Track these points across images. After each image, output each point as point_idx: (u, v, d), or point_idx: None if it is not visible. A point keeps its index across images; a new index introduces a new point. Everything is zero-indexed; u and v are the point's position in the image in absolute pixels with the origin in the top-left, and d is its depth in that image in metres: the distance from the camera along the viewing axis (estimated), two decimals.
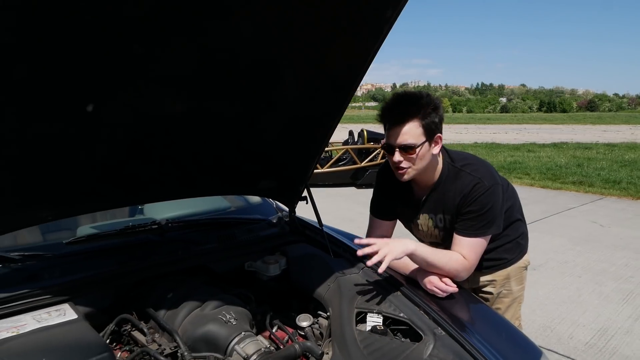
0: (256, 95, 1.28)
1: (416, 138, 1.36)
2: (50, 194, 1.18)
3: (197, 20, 0.94)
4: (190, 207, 1.87)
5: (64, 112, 0.99)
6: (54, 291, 1.24)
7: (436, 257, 1.41)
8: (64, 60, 0.87)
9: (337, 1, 1.08)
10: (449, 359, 1.17)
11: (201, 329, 1.21)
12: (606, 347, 2.62)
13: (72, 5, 0.77)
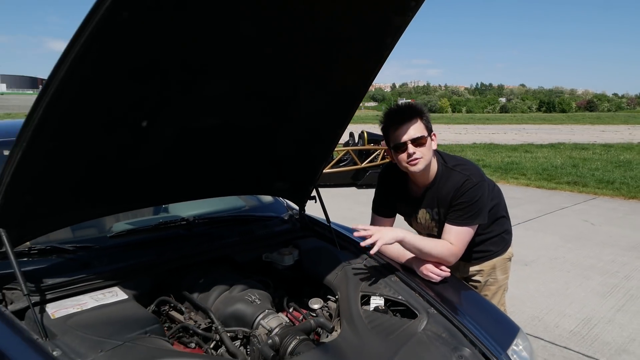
0: (275, 111, 1.51)
1: (422, 132, 1.61)
2: (104, 194, 1.40)
3: (233, 57, 1.16)
4: (210, 206, 2.09)
5: (126, 127, 1.21)
6: (104, 276, 1.45)
7: (425, 243, 1.64)
8: (132, 88, 1.10)
9: (345, 35, 1.30)
10: (439, 332, 1.39)
11: (231, 308, 1.43)
12: (589, 335, 2.84)
13: (144, 56, 1.00)
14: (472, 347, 1.35)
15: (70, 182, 1.29)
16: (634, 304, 3.29)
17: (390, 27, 1.38)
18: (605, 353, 2.62)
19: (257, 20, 1.12)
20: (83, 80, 1.01)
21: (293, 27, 1.23)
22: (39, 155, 1.12)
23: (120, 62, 1.02)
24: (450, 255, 1.67)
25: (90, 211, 1.46)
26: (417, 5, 1.32)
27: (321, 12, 1.20)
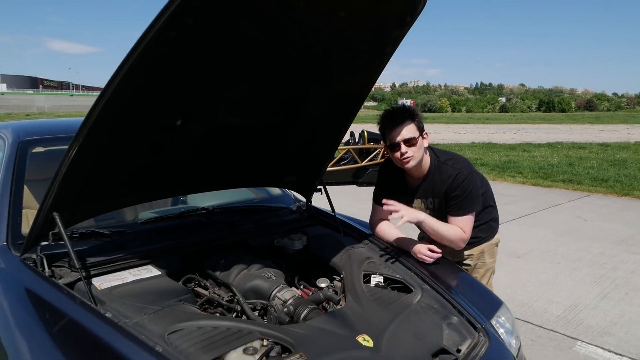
0: (287, 112, 1.72)
1: (414, 133, 1.83)
2: (142, 184, 1.61)
3: (253, 66, 1.37)
4: (226, 197, 2.31)
5: (163, 127, 1.42)
6: (138, 256, 1.66)
7: (442, 227, 1.87)
8: (172, 93, 1.31)
9: (350, 46, 1.51)
10: (432, 304, 1.60)
11: (250, 283, 1.64)
12: (574, 319, 3.05)
13: (187, 67, 1.21)
14: (459, 316, 1.57)
15: (115, 174, 1.50)
16: (619, 292, 3.50)
17: (389, 38, 1.59)
18: (588, 335, 2.83)
19: (275, 35, 1.33)
20: (135, 88, 1.22)
21: (305, 41, 1.44)
22: (91, 151, 1.33)
23: (165, 72, 1.23)
24: (461, 240, 1.90)
25: (130, 199, 1.67)
26: (412, 20, 1.53)
27: (330, 27, 1.41)
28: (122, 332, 1.22)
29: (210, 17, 1.14)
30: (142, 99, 1.28)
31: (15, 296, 1.45)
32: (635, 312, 3.16)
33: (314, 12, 1.30)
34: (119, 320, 1.28)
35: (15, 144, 2.08)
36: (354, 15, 1.38)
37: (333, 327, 1.41)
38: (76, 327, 1.27)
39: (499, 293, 3.03)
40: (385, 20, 1.49)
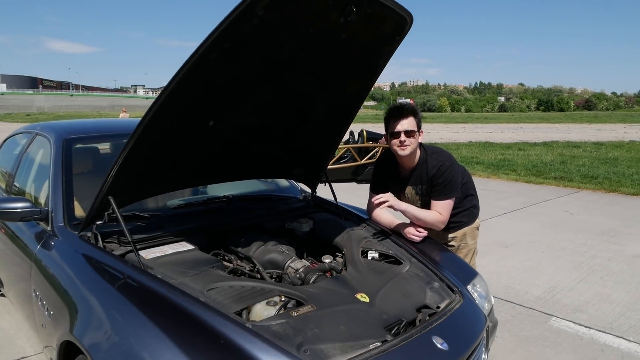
0: (298, 114, 2.06)
1: (413, 127, 2.17)
2: (181, 173, 1.95)
3: (274, 77, 1.71)
4: (242, 188, 2.65)
5: (200, 126, 1.75)
6: (174, 234, 2.00)
7: (422, 213, 2.21)
8: (212, 100, 1.64)
9: (350, 60, 1.85)
10: (418, 273, 1.94)
11: (267, 256, 1.98)
12: (551, 299, 3.39)
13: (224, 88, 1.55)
14: (440, 282, 1.90)
15: (159, 165, 1.84)
16: (594, 276, 3.84)
17: (382, 53, 1.93)
18: (562, 312, 3.17)
19: (291, 55, 1.67)
20: (180, 98, 1.55)
21: (314, 57, 1.77)
22: (143, 147, 1.66)
23: (204, 84, 1.57)
24: (439, 222, 2.24)
25: (169, 186, 2.02)
26: (400, 39, 1.87)
27: (333, 46, 1.75)
28: (171, 287, 1.56)
29: (241, 43, 1.47)
30: (186, 105, 1.61)
31: (77, 263, 1.79)
32: (606, 293, 3.49)
33: (322, 35, 1.64)
34: (167, 280, 1.62)
35: (60, 142, 2.41)
36: (353, 36, 1.72)
37: (336, 288, 1.75)
38: (133, 285, 1.60)
39: (486, 277, 3.41)
40: (378, 40, 1.82)
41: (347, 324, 1.51)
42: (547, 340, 2.79)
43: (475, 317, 1.76)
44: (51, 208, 2.08)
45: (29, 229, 2.19)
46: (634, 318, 3.07)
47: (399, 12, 1.72)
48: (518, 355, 2.62)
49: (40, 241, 2.02)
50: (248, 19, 1.37)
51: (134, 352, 1.32)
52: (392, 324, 1.57)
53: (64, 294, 1.69)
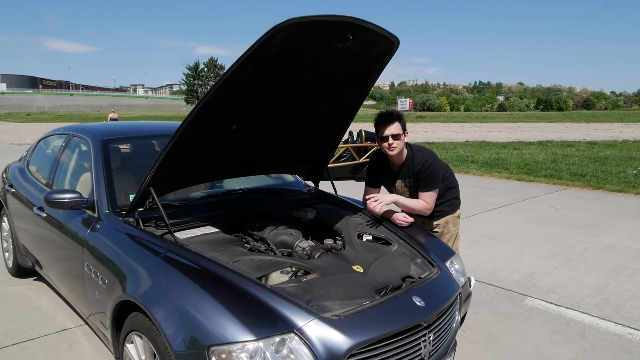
0: (304, 120, 2.45)
1: (399, 130, 2.56)
2: (208, 168, 2.34)
3: (287, 89, 2.10)
4: (253, 183, 3.04)
5: (222, 129, 2.15)
6: (200, 219, 2.39)
7: (412, 202, 2.61)
8: (237, 108, 2.04)
9: (347, 75, 2.24)
10: (404, 251, 2.33)
11: (279, 238, 2.37)
12: (529, 283, 3.79)
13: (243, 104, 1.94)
14: (422, 258, 2.30)
15: (192, 161, 2.24)
16: (570, 264, 4.24)
17: (374, 69, 2.32)
18: (536, 293, 3.57)
19: (301, 72, 2.06)
20: (215, 106, 1.95)
21: (319, 74, 2.16)
22: (181, 145, 2.05)
23: (233, 96, 1.96)
24: (426, 209, 2.64)
25: (199, 179, 2.41)
26: (389, 57, 2.27)
27: (335, 65, 2.14)
28: (205, 257, 1.95)
29: (261, 65, 1.86)
30: (216, 114, 2.01)
31: (124, 241, 2.18)
32: (578, 277, 3.89)
33: (324, 57, 2.03)
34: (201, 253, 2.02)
35: (98, 142, 2.81)
36: (350, 57, 2.11)
37: (336, 261, 2.14)
38: (173, 256, 1.99)
39: (472, 265, 3.83)
40: (370, 59, 2.22)
41: (345, 287, 1.91)
42: (520, 316, 3.19)
43: (449, 285, 2.16)
44: (96, 198, 2.48)
45: (76, 217, 2.58)
46: (598, 298, 3.47)
47: (388, 37, 2.11)
48: (494, 328, 3.01)
49: (89, 226, 2.41)
50: (268, 48, 1.76)
51: (179, 302, 1.71)
52: (381, 288, 1.96)
53: (116, 266, 2.08)
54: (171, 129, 3.35)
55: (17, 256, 3.66)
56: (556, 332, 2.96)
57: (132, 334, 1.93)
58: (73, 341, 2.84)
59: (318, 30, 1.85)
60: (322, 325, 1.66)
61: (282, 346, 1.60)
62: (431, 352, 1.89)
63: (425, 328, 1.86)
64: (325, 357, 1.61)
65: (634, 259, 4.37)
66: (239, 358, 1.55)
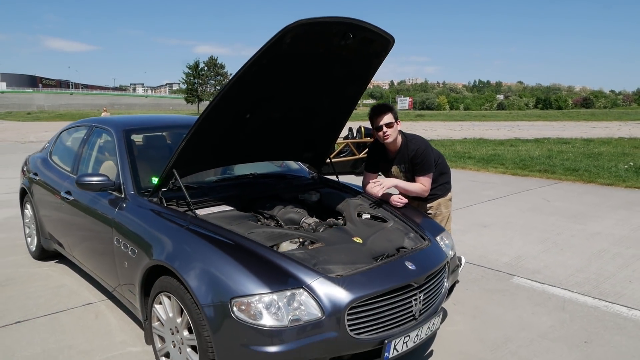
0: (309, 110, 2.73)
1: (391, 119, 2.85)
2: (224, 153, 2.62)
3: (294, 84, 2.38)
4: (262, 169, 3.32)
5: (237, 118, 2.43)
6: (217, 199, 2.67)
7: (410, 185, 2.90)
8: (251, 100, 2.32)
9: (348, 71, 2.52)
10: (399, 227, 2.61)
11: (287, 215, 2.65)
12: (517, 265, 4.07)
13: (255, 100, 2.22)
14: (415, 233, 2.58)
15: (210, 147, 2.51)
16: (556, 248, 4.52)
17: (371, 65, 2.60)
18: (523, 273, 3.85)
19: (306, 68, 2.34)
20: (231, 97, 2.22)
21: (322, 70, 2.44)
22: (202, 131, 2.33)
23: (248, 88, 2.23)
24: (424, 191, 2.94)
25: (216, 162, 2.70)
26: (385, 54, 2.54)
27: (336, 61, 2.42)
28: (223, 229, 2.23)
29: (273, 60, 2.14)
30: (232, 104, 2.29)
31: (151, 217, 2.46)
32: (563, 260, 4.17)
33: (328, 54, 2.31)
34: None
35: (121, 132, 3.09)
36: (350, 53, 2.39)
37: (338, 234, 2.43)
38: (195, 228, 2.26)
39: (464, 249, 4.11)
40: (368, 55, 2.50)
41: (346, 254, 2.19)
42: (506, 292, 3.47)
43: (438, 255, 2.44)
44: (122, 181, 2.76)
45: (102, 199, 2.85)
46: (580, 277, 3.76)
47: (384, 35, 2.39)
48: (482, 302, 3.29)
49: (116, 205, 2.69)
50: (279, 45, 2.04)
51: (204, 265, 1.99)
52: (378, 255, 2.24)
53: (145, 238, 2.36)
54: (182, 120, 3.64)
55: (41, 240, 3.93)
56: (538, 305, 3.24)
57: (160, 295, 2.21)
58: (98, 312, 3.12)
59: (323, 29, 2.13)
60: (326, 283, 1.94)
61: (293, 299, 1.88)
62: (421, 310, 2.17)
63: (416, 289, 2.14)
64: (329, 308, 1.89)
65: (616, 243, 4.65)
66: (256, 308, 1.83)
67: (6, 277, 3.77)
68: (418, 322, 2.14)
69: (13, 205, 6.39)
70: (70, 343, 2.71)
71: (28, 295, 3.41)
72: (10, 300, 3.32)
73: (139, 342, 2.70)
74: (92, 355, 2.57)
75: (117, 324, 2.95)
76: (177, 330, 2.13)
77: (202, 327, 1.92)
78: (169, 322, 2.18)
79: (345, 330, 1.90)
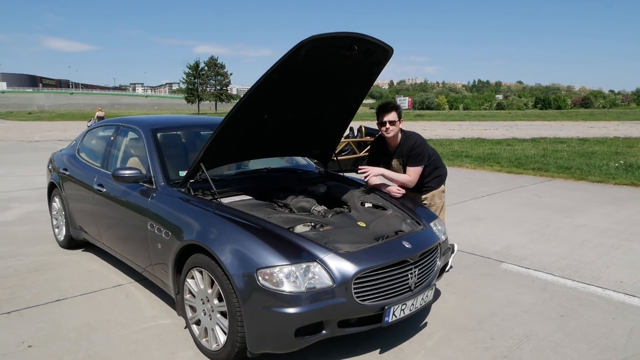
0: (318, 111, 3.10)
1: (395, 118, 3.23)
2: (245, 149, 2.99)
3: (306, 89, 2.75)
4: (275, 164, 3.70)
5: (257, 118, 2.79)
6: (237, 189, 3.04)
7: (397, 175, 3.27)
8: (270, 102, 2.68)
9: (351, 78, 2.89)
10: (397, 214, 2.98)
11: (299, 204, 3.02)
12: (506, 252, 4.44)
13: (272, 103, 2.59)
14: (411, 219, 2.95)
15: (233, 143, 2.88)
16: (543, 239, 4.88)
17: (373, 71, 2.97)
18: (511, 259, 4.21)
19: (316, 76, 2.70)
20: (253, 100, 2.59)
21: (330, 77, 2.81)
22: (227, 129, 2.70)
23: (267, 92, 2.60)
24: (409, 182, 3.30)
25: (238, 157, 3.07)
26: (386, 62, 2.91)
27: (342, 69, 2.78)
28: (246, 213, 2.60)
29: (290, 69, 2.50)
30: (254, 106, 2.65)
31: (180, 204, 2.82)
32: (548, 248, 4.54)
33: (335, 62, 2.68)
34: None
35: (148, 131, 3.45)
36: (355, 62, 2.75)
37: (345, 219, 2.80)
38: (221, 212, 2.63)
39: (458, 239, 4.49)
40: (371, 63, 2.87)
41: (352, 235, 2.56)
42: (495, 276, 3.84)
43: (431, 237, 2.81)
44: (152, 174, 3.12)
45: (134, 191, 3.21)
46: (562, 263, 4.12)
47: (384, 46, 2.75)
48: (472, 284, 3.66)
49: (148, 195, 3.05)
50: (296, 56, 2.40)
51: (231, 242, 2.35)
52: (379, 236, 2.61)
53: (177, 222, 2.72)
54: (201, 120, 4.01)
55: (70, 230, 4.30)
56: (523, 286, 3.61)
57: (193, 270, 2.57)
58: (128, 292, 3.49)
59: (332, 43, 2.50)
60: (336, 257, 2.31)
61: (308, 271, 2.25)
62: (416, 283, 2.54)
63: (412, 264, 2.51)
64: (339, 278, 2.25)
65: (599, 234, 5.02)
66: (277, 277, 2.20)
67: (40, 263, 4.13)
68: (413, 293, 2.50)
69: (31, 200, 6.77)
70: (107, 317, 3.07)
71: (62, 278, 3.77)
72: (47, 282, 3.68)
73: (168, 316, 3.06)
74: (128, 327, 2.94)
75: (147, 302, 3.31)
76: (208, 299, 2.50)
77: (232, 294, 2.28)
78: (200, 294, 2.55)
79: (352, 297, 2.27)
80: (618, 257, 4.29)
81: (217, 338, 2.45)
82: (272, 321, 2.19)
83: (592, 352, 2.62)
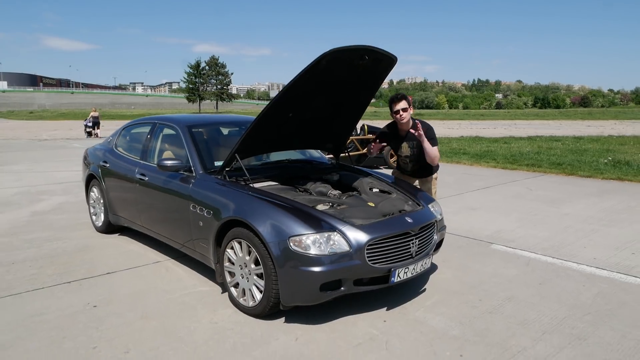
0: (333, 111, 3.65)
1: (406, 105, 3.79)
2: (271, 142, 3.54)
3: (324, 93, 3.30)
4: (294, 156, 4.25)
5: (282, 116, 3.34)
6: (264, 177, 3.59)
7: (430, 148, 3.82)
8: (294, 103, 3.23)
9: (360, 82, 3.44)
10: (401, 197, 3.53)
11: (317, 189, 3.57)
12: (496, 236, 4.98)
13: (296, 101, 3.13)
14: (412, 201, 3.49)
15: (262, 137, 3.43)
16: (530, 224, 5.43)
17: (379, 76, 3.52)
18: (500, 241, 4.76)
19: (333, 82, 3.25)
20: (282, 101, 3.14)
21: (344, 82, 3.35)
22: (259, 125, 3.24)
23: (294, 95, 3.14)
24: (435, 157, 3.86)
25: (266, 149, 3.63)
26: (391, 68, 3.46)
27: (354, 75, 3.33)
28: (276, 194, 3.15)
29: (313, 76, 3.04)
30: (282, 106, 3.20)
31: (218, 187, 3.37)
32: (534, 232, 5.09)
33: (349, 70, 3.22)
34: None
35: (185, 128, 4.00)
36: (365, 69, 3.30)
37: (357, 200, 3.35)
38: (254, 194, 3.17)
39: (454, 226, 5.04)
40: (378, 70, 3.42)
41: (364, 212, 3.10)
42: (485, 254, 4.38)
43: (429, 215, 3.36)
44: (192, 164, 3.66)
45: (174, 179, 3.75)
46: (545, 244, 4.67)
47: (390, 56, 3.30)
48: (465, 261, 4.20)
49: (189, 182, 3.60)
50: (318, 66, 2.94)
51: (266, 217, 2.89)
52: (386, 214, 3.15)
53: (216, 203, 3.27)
54: (229, 118, 4.57)
55: (109, 216, 4.84)
56: (509, 262, 4.15)
57: (232, 241, 3.11)
58: (167, 267, 4.03)
59: (347, 54, 3.04)
60: (352, 228, 2.86)
61: (330, 239, 2.79)
62: (417, 251, 3.08)
63: (413, 235, 3.06)
64: (355, 245, 2.80)
65: (580, 221, 5.57)
66: (305, 243, 2.74)
67: (83, 245, 4.67)
68: (414, 259, 3.05)
69: (59, 193, 7.31)
70: (154, 286, 3.62)
71: (107, 256, 4.32)
72: (94, 260, 4.22)
73: (206, 285, 3.61)
74: (173, 293, 3.48)
75: (185, 274, 3.86)
76: (246, 265, 3.04)
77: (267, 258, 2.83)
78: (239, 260, 3.09)
79: (365, 260, 2.81)
80: (595, 239, 4.84)
81: (254, 296, 2.99)
82: (301, 278, 2.74)
83: (562, 309, 3.17)
